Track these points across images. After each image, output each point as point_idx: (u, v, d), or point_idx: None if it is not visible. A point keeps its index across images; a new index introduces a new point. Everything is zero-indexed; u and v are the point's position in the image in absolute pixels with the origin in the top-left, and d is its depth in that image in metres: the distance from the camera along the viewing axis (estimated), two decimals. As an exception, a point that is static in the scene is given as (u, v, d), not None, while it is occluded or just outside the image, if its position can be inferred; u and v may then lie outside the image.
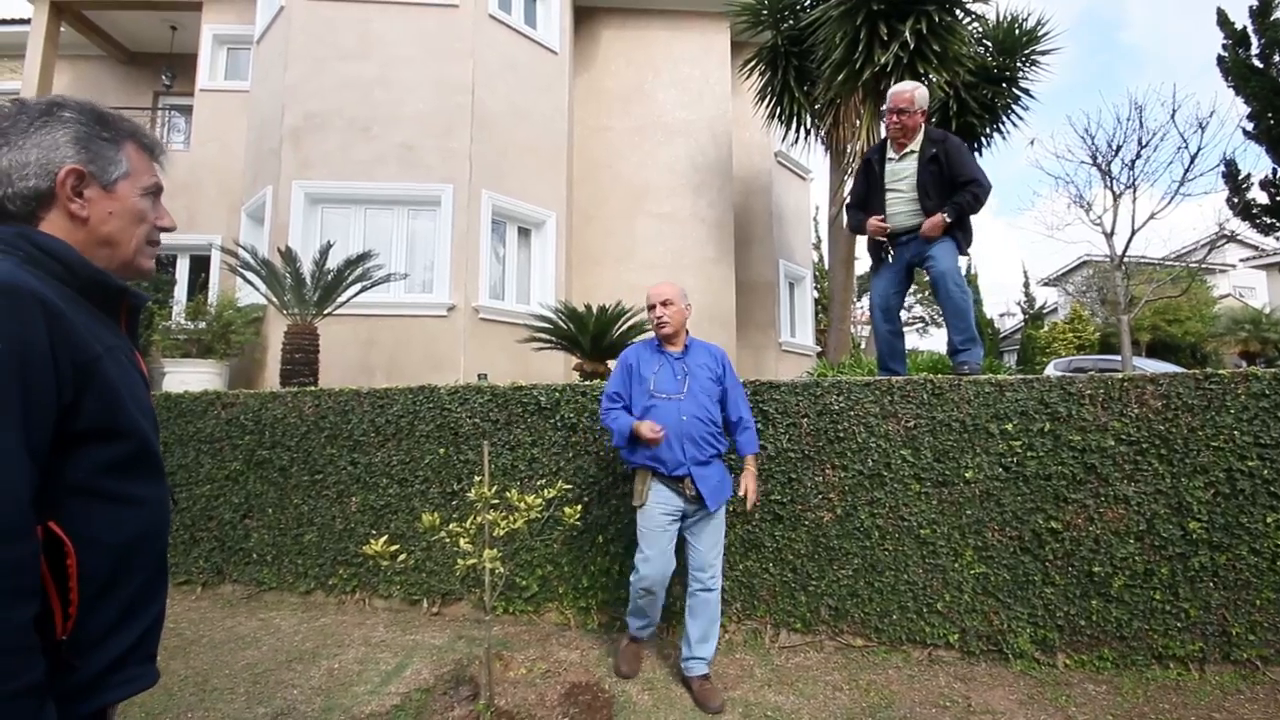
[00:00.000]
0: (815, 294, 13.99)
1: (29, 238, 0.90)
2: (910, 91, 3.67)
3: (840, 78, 6.61)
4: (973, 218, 3.77)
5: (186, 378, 6.17)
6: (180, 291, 8.60)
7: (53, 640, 0.83)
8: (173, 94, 10.17)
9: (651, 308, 2.90)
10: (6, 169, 0.90)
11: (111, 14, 9.50)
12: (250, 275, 5.61)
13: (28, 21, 9.20)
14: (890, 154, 3.84)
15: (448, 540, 2.64)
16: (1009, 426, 3.07)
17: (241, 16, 8.78)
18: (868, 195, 3.95)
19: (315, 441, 4.03)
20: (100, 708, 0.90)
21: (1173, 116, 10.12)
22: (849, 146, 7.13)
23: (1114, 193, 10.47)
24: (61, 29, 9.24)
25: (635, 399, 2.83)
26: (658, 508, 2.75)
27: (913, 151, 3.74)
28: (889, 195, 3.82)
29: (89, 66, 10.19)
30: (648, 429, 2.65)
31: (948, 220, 3.60)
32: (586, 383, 3.85)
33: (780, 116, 8.16)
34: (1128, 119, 10.36)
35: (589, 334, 5.21)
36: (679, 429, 2.71)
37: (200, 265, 8.68)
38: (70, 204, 0.92)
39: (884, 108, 3.85)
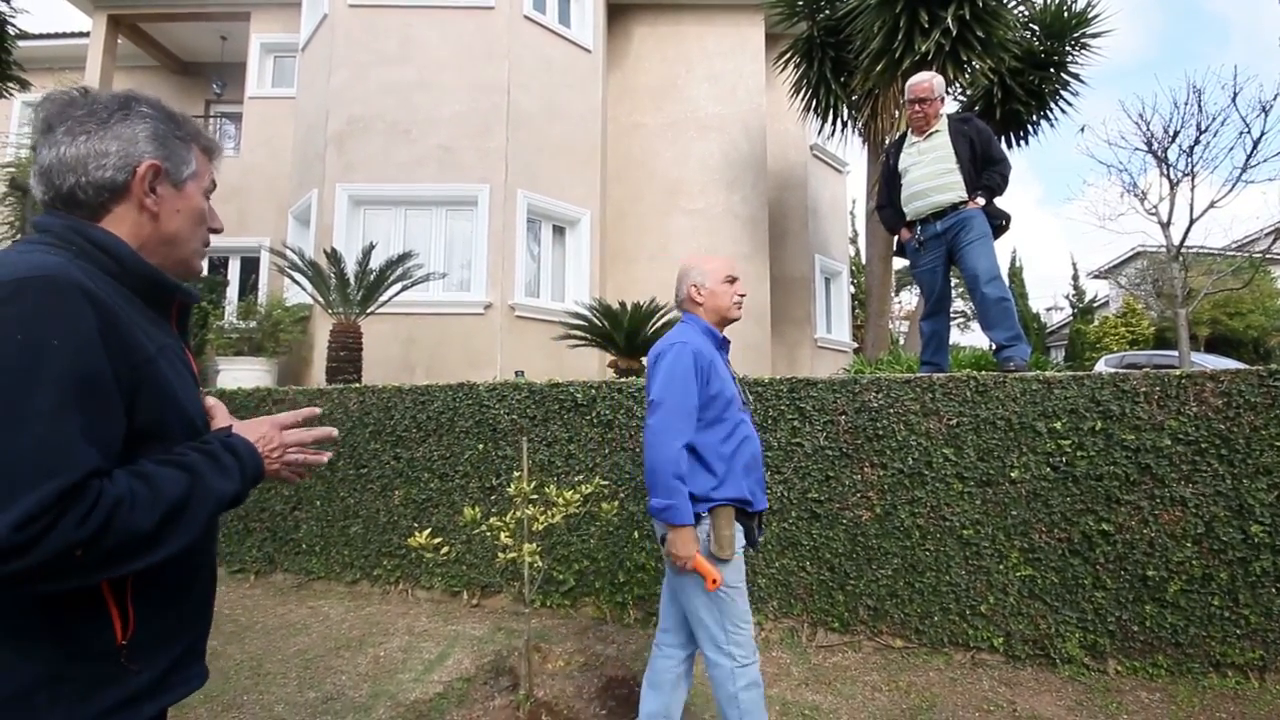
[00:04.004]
0: (852, 289, 13.74)
1: (81, 232, 0.88)
2: (929, 80, 3.85)
3: (879, 68, 6.48)
4: (1006, 205, 3.90)
5: (239, 375, 6.43)
6: (232, 291, 8.96)
7: (113, 646, 0.84)
8: (223, 102, 10.61)
9: (731, 280, 2.12)
10: (83, 157, 0.89)
11: (165, 26, 9.95)
12: (297, 276, 5.82)
13: (87, 34, 9.70)
14: (912, 138, 3.96)
15: (488, 534, 2.70)
16: (1058, 425, 2.98)
17: (287, 25, 9.08)
18: (891, 190, 4.08)
19: (360, 437, 4.16)
20: (162, 709, 0.92)
21: (1234, 100, 9.51)
22: (887, 138, 6.98)
23: (1171, 180, 9.98)
24: (119, 41, 9.71)
25: (710, 420, 1.92)
26: (741, 556, 1.97)
27: (938, 130, 3.85)
28: (915, 174, 3.87)
29: (145, 76, 10.68)
30: (713, 570, 1.82)
31: (980, 204, 3.71)
32: (622, 379, 3.88)
33: (816, 109, 8.03)
34: (1185, 103, 9.76)
35: (623, 331, 5.25)
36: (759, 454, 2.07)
37: (250, 266, 9.02)
38: (145, 198, 0.92)
39: (905, 100, 4.04)
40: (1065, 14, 7.44)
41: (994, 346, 3.78)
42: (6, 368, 0.73)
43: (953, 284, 4.48)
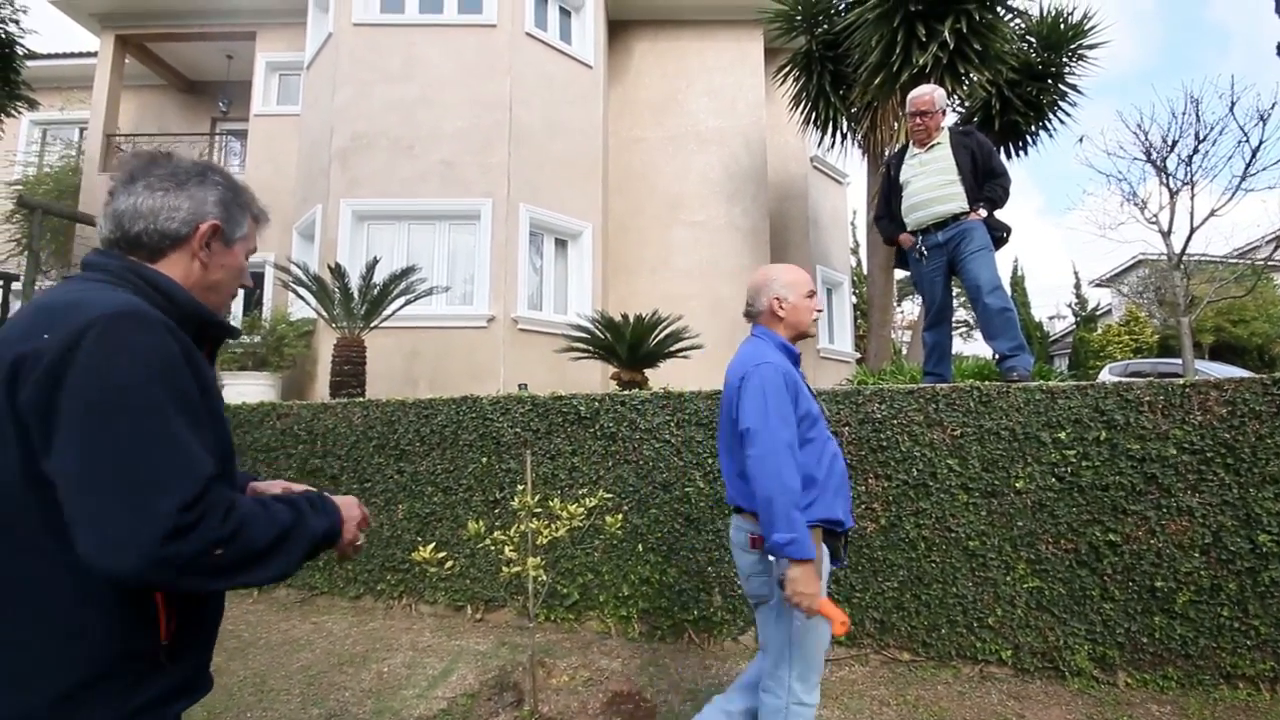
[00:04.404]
0: (854, 299, 13.76)
1: (138, 272, 0.98)
2: (930, 94, 3.87)
3: (877, 80, 6.53)
4: (1006, 215, 3.91)
5: (243, 389, 6.44)
6: (237, 306, 9.00)
7: (156, 644, 0.89)
8: (229, 119, 10.72)
9: (811, 294, 2.02)
10: (157, 209, 1.01)
11: (172, 46, 10.09)
12: (302, 291, 5.84)
13: (95, 54, 9.84)
14: (914, 150, 3.98)
15: (492, 548, 2.70)
16: (1062, 435, 2.97)
17: (292, 44, 9.20)
18: (890, 201, 4.10)
19: (364, 451, 4.16)
20: (180, 712, 0.97)
21: (1231, 109, 9.55)
22: (886, 149, 7.02)
23: (1170, 190, 10.01)
24: (126, 61, 9.84)
25: (799, 441, 1.79)
26: (826, 580, 1.87)
27: (939, 143, 3.87)
28: (916, 185, 3.89)
29: (152, 95, 10.82)
30: (840, 611, 1.67)
31: (982, 215, 3.73)
32: (625, 392, 3.88)
33: (816, 122, 8.09)
34: (1183, 113, 9.83)
35: (625, 343, 5.26)
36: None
37: (255, 281, 9.07)
38: (200, 251, 1.05)
39: (905, 112, 4.06)
40: (1062, 26, 7.51)
41: (997, 356, 3.78)
42: (129, 386, 0.82)
43: (954, 294, 4.49)
